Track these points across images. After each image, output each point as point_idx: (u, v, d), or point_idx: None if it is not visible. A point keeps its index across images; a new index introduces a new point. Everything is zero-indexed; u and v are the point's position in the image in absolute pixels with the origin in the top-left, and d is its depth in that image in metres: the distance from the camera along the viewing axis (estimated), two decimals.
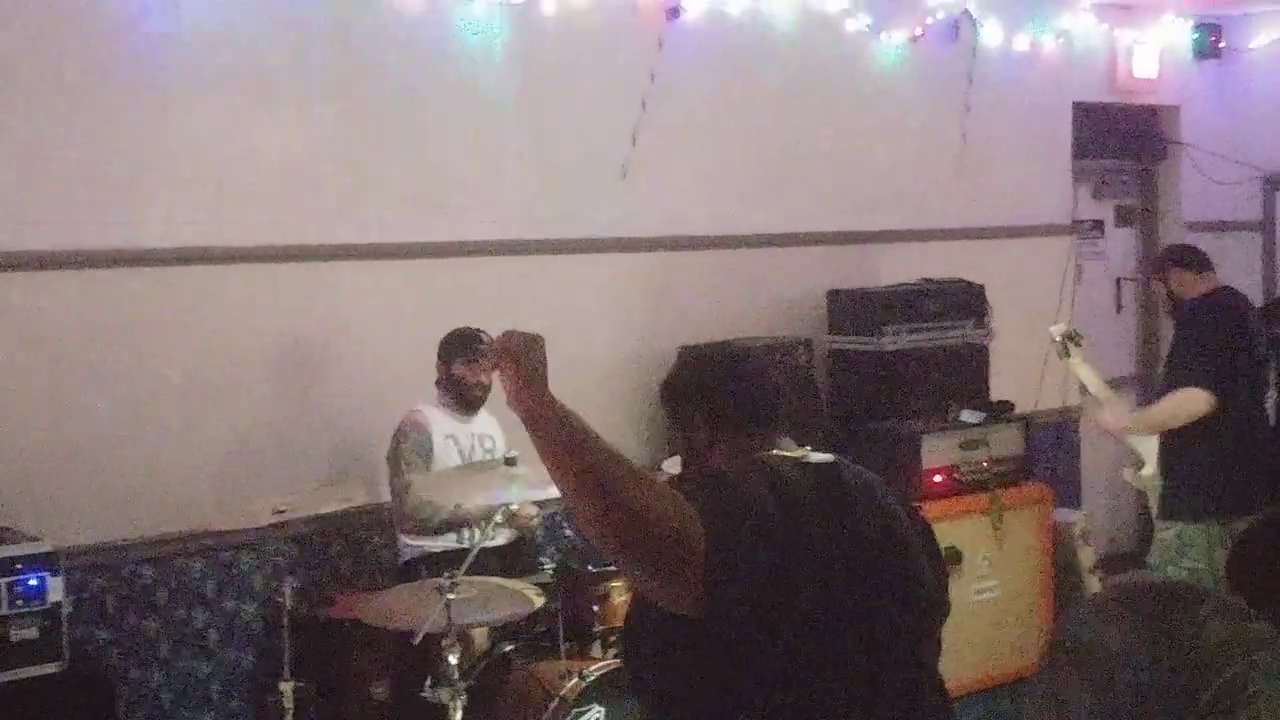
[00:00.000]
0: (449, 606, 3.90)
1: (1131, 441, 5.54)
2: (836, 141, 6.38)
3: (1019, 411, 6.18)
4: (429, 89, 5.23)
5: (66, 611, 4.09)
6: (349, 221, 5.05)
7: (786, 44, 6.19)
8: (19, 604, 3.96)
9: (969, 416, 5.92)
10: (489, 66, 5.36)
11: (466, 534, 4.71)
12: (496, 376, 2.20)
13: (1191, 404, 4.89)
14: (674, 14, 5.75)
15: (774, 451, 2.36)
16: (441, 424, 4.83)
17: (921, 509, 2.61)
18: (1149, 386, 7.40)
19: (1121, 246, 8.11)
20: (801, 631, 2.15)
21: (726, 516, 2.12)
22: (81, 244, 4.53)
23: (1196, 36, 7.87)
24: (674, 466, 3.72)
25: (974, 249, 6.79)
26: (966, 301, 6.25)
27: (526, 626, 4.36)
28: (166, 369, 4.71)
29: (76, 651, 4.16)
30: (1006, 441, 6.02)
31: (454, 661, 3.89)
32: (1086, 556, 6.57)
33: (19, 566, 3.98)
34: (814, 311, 6.16)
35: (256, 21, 4.83)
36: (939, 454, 5.80)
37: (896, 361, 5.96)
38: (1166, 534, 5.08)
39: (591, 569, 4.50)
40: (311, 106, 4.98)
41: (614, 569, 4.38)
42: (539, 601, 4.19)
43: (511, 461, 4.28)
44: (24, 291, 4.47)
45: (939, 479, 5.75)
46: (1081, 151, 7.55)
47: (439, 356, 4.86)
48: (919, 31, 6.58)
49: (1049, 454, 6.94)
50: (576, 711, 3.99)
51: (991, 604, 5.79)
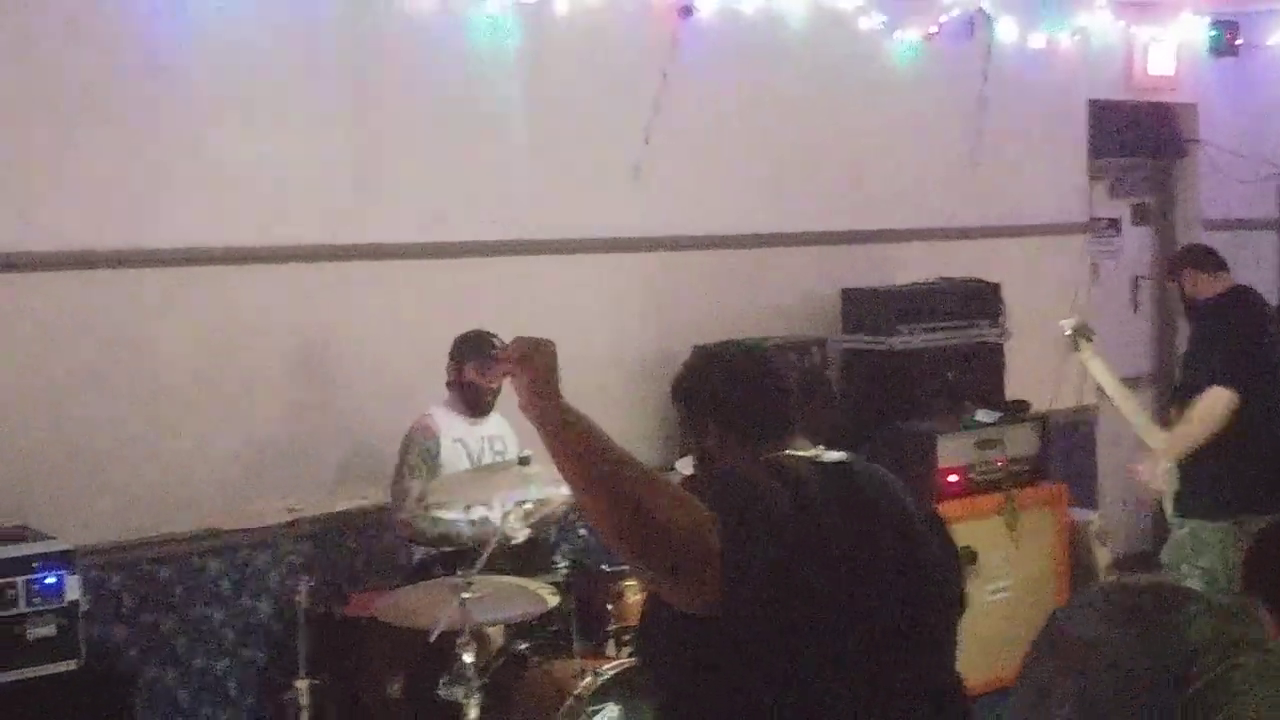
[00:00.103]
0: (464, 605, 3.91)
1: (1147, 439, 5.51)
2: (850, 140, 6.37)
3: (1034, 411, 6.17)
4: (440, 89, 5.24)
5: (83, 610, 4.11)
6: (360, 222, 5.06)
7: (800, 42, 6.19)
8: (36, 602, 3.98)
9: (984, 416, 5.91)
10: (501, 67, 5.36)
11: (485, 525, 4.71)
12: (507, 380, 2.21)
13: (1218, 405, 4.87)
14: (686, 13, 5.74)
15: (787, 451, 2.36)
16: (451, 427, 4.84)
17: (937, 508, 2.61)
18: (1165, 386, 7.38)
19: (1138, 245, 8.09)
20: (816, 630, 2.15)
21: (740, 517, 2.12)
22: (95, 245, 4.54)
23: (1213, 34, 7.84)
24: (687, 466, 3.72)
25: (989, 247, 6.78)
26: (982, 300, 6.24)
27: (541, 625, 4.36)
28: (182, 369, 4.73)
29: (93, 649, 4.17)
30: (1022, 441, 6.01)
31: (469, 660, 3.90)
32: (1103, 556, 6.55)
33: (36, 565, 3.99)
34: (828, 311, 6.16)
35: (267, 23, 4.84)
36: (954, 454, 5.79)
37: (911, 361, 5.95)
38: (1181, 532, 5.07)
39: (605, 568, 4.50)
40: (323, 107, 4.99)
41: (628, 568, 4.39)
42: (554, 600, 4.19)
43: (525, 461, 4.29)
44: (41, 292, 4.48)
45: (954, 479, 5.75)
46: (1098, 150, 7.53)
47: (451, 358, 4.87)
48: (933, 29, 6.57)
49: (1065, 453, 6.92)
50: (591, 709, 3.99)
51: (1006, 604, 5.77)
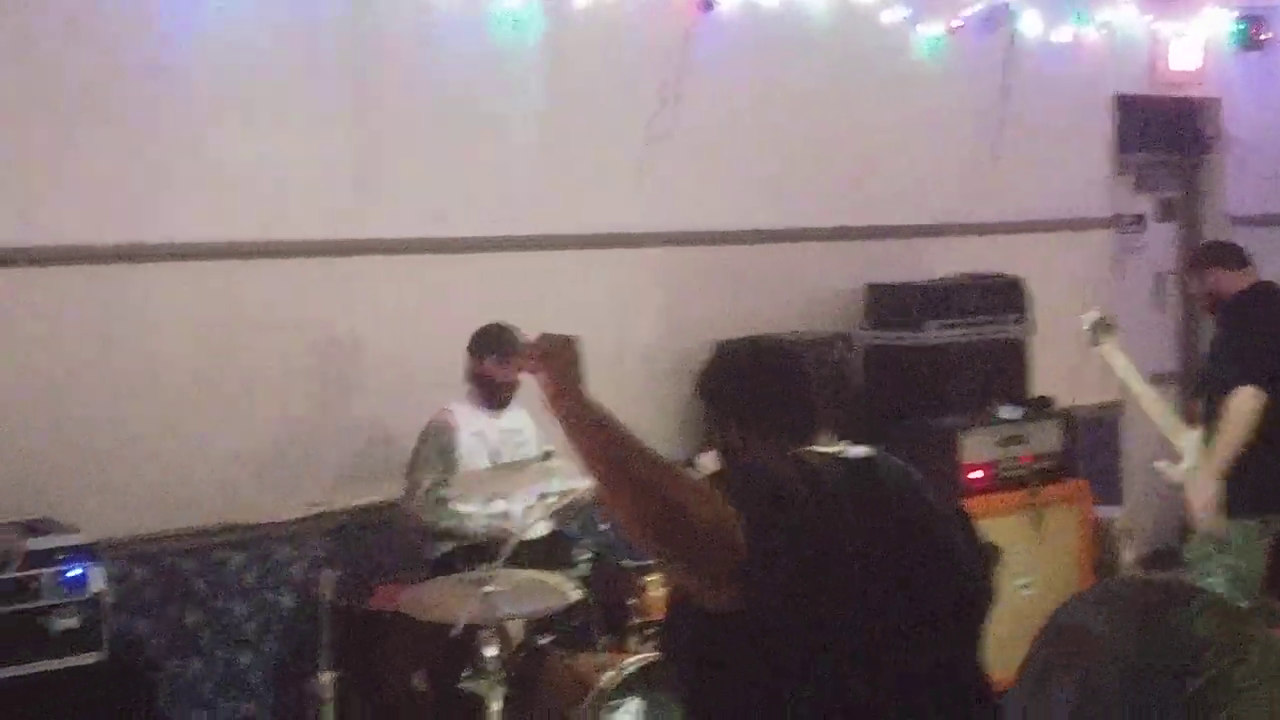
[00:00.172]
0: (487, 599, 3.91)
1: (1170, 436, 5.46)
2: (872, 134, 6.35)
3: (1058, 407, 6.14)
4: (455, 83, 5.23)
5: (108, 602, 4.12)
6: (379, 217, 5.06)
7: (821, 35, 6.16)
8: (60, 594, 3.99)
9: (1008, 412, 5.88)
10: (518, 60, 5.35)
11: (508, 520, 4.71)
12: (527, 370, 2.20)
13: (1246, 405, 4.83)
14: (707, 6, 5.72)
15: (811, 448, 2.35)
16: (470, 421, 4.84)
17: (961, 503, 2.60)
18: (1189, 382, 7.33)
19: (1163, 241, 8.04)
20: (838, 626, 2.15)
21: (764, 514, 2.12)
22: (118, 239, 4.55)
23: (1239, 28, 7.79)
24: (709, 461, 3.71)
25: (1012, 243, 6.75)
26: (1006, 296, 6.21)
27: (563, 619, 4.36)
28: (205, 364, 4.74)
29: (117, 642, 4.18)
30: (1046, 437, 5.99)
31: (492, 653, 3.91)
32: (1127, 554, 6.51)
33: (60, 557, 4.01)
34: (851, 306, 6.14)
35: (268, 21, 4.82)
36: (978, 450, 5.76)
37: (935, 356, 5.93)
38: (1205, 530, 5.03)
39: (628, 562, 4.50)
40: (327, 104, 4.98)
41: (650, 563, 4.39)
42: (576, 595, 4.19)
43: (548, 456, 4.30)
44: (62, 287, 4.50)
45: (977, 475, 5.72)
46: (1122, 145, 7.49)
47: (469, 352, 4.86)
48: (957, 23, 6.55)
49: (1089, 450, 6.88)
50: (613, 703, 3.99)
51: (1029, 601, 5.73)
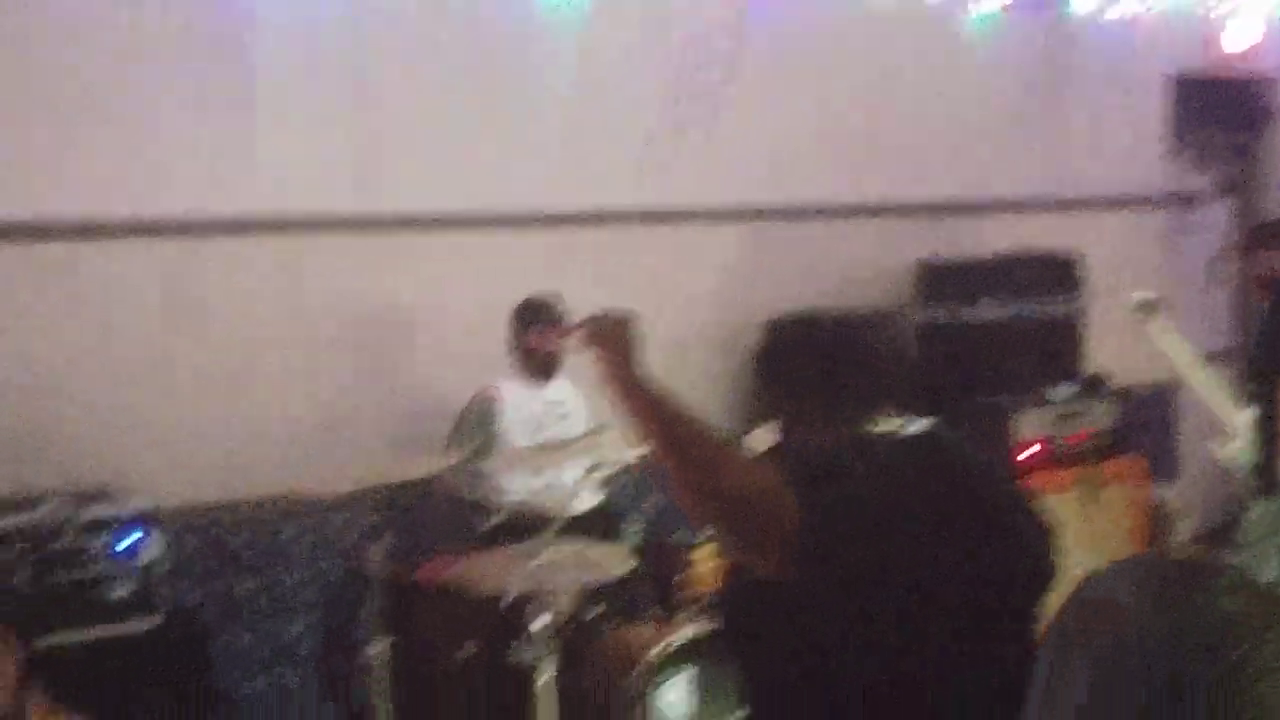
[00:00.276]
0: (537, 571, 3.92)
1: (1223, 416, 5.39)
2: (925, 110, 6.30)
3: (1114, 384, 6.08)
4: (514, 55, 5.23)
5: (162, 570, 4.15)
6: (435, 190, 5.07)
7: (875, 11, 6.11)
8: (116, 562, 4.03)
9: (1062, 390, 5.83)
10: (568, 29, 5.33)
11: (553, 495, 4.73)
12: (578, 349, 2.21)
13: None
14: None
15: (871, 424, 2.34)
16: (514, 395, 4.86)
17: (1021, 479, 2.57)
18: (1244, 361, 7.23)
19: (1219, 219, 7.93)
20: (892, 602, 2.13)
21: (821, 491, 2.12)
22: (178, 213, 4.58)
23: None
24: (761, 439, 3.70)
25: (1068, 220, 6.68)
26: (1061, 273, 6.15)
27: (613, 592, 4.36)
28: (258, 336, 4.77)
29: (170, 610, 4.22)
30: (1100, 415, 5.94)
31: (541, 625, 3.91)
32: (1181, 532, 6.45)
33: (116, 525, 4.04)
34: (903, 283, 6.10)
35: None
36: (1032, 428, 5.73)
37: (988, 334, 5.88)
38: (1257, 510, 4.96)
39: (677, 536, 4.49)
40: (398, 76, 4.99)
41: (700, 537, 4.39)
42: (625, 567, 4.20)
43: (599, 429, 4.30)
44: (122, 260, 4.53)
45: (1032, 453, 5.68)
46: (1179, 123, 7.39)
47: (512, 324, 4.88)
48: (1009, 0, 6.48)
49: (1144, 427, 6.81)
50: (662, 676, 3.99)
51: None
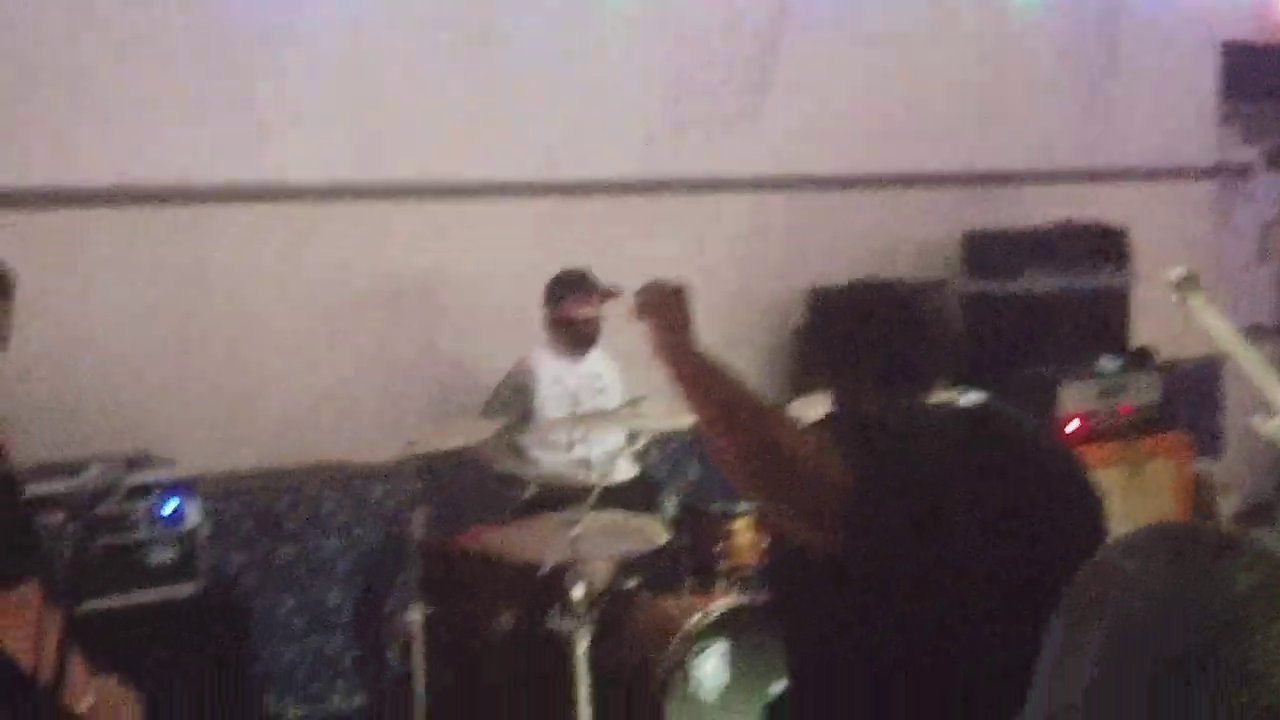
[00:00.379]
0: (575, 540, 3.92)
1: (1266, 389, 5.31)
2: (970, 79, 6.22)
3: (1160, 358, 6.01)
4: (549, 24, 5.19)
5: (203, 536, 4.18)
6: (475, 159, 5.05)
7: None
8: (158, 527, 4.05)
9: (1107, 363, 5.78)
10: (610, 3, 5.30)
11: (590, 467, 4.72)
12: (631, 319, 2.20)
13: None
14: None
15: (924, 395, 2.33)
16: (550, 368, 4.85)
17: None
18: None
19: (1270, 191, 7.82)
20: (940, 578, 2.11)
21: (870, 462, 2.10)
22: (216, 180, 4.59)
23: None
24: (802, 409, 3.68)
25: (1115, 191, 6.60)
26: (1107, 244, 6.08)
27: (650, 562, 4.35)
28: (301, 302, 4.78)
29: (211, 576, 4.25)
30: (1146, 389, 5.88)
31: (579, 594, 3.91)
32: (1226, 507, 6.39)
33: (158, 491, 4.06)
34: (948, 253, 6.04)
35: None
36: (1076, 401, 5.68)
37: (1034, 305, 5.83)
38: None
39: (716, 506, 4.48)
40: (430, 42, 4.97)
41: (739, 508, 4.37)
42: (664, 538, 4.19)
43: (638, 401, 4.29)
44: (162, 226, 4.54)
45: (1075, 426, 5.63)
46: (1229, 92, 7.27)
47: (546, 299, 4.86)
48: None
49: (1190, 402, 6.74)
50: (699, 646, 3.99)
51: None
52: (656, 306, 2.19)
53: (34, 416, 4.17)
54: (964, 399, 2.30)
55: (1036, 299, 5.82)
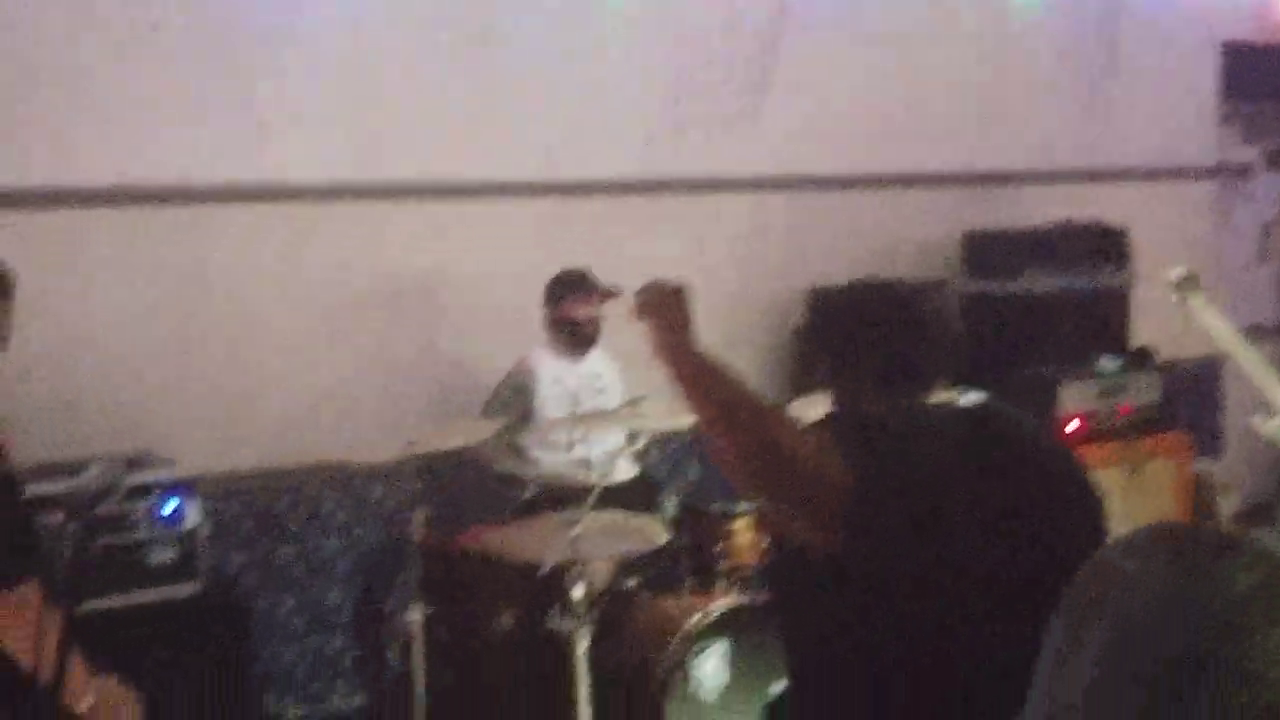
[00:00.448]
0: (575, 540, 3.91)
1: (1267, 393, 5.30)
2: (969, 79, 6.22)
3: (1160, 358, 6.01)
4: (549, 24, 5.18)
5: (203, 536, 4.17)
6: (476, 159, 5.05)
7: None
8: (158, 527, 4.04)
9: (1107, 363, 5.78)
10: (610, 3, 5.30)
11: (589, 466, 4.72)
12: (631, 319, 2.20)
13: None
14: None
15: (926, 396, 2.33)
16: (550, 368, 4.85)
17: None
18: None
19: (1270, 191, 7.81)
20: (939, 578, 2.11)
21: (871, 462, 2.11)
22: (215, 180, 4.59)
23: None
24: (802, 409, 3.68)
25: (1115, 191, 6.60)
26: (1107, 244, 6.08)
27: (650, 562, 4.35)
28: (301, 302, 4.78)
29: (211, 576, 4.24)
30: (1145, 389, 5.88)
31: (579, 594, 3.91)
32: (1226, 507, 6.39)
33: (159, 490, 4.06)
34: (948, 253, 6.04)
35: None
36: (1075, 401, 5.67)
37: (1034, 305, 5.83)
38: None
39: (716, 506, 4.48)
40: (432, 43, 4.97)
41: (739, 508, 4.37)
42: (664, 537, 4.19)
43: (638, 401, 4.29)
44: (160, 225, 4.54)
45: (1075, 427, 5.62)
46: (1229, 92, 7.27)
47: (546, 300, 4.85)
48: None
49: (1189, 402, 6.74)
50: (699, 646, 3.98)
51: None
52: (657, 306, 2.20)
53: (34, 416, 4.17)
54: (964, 399, 2.30)
55: (1036, 299, 5.82)
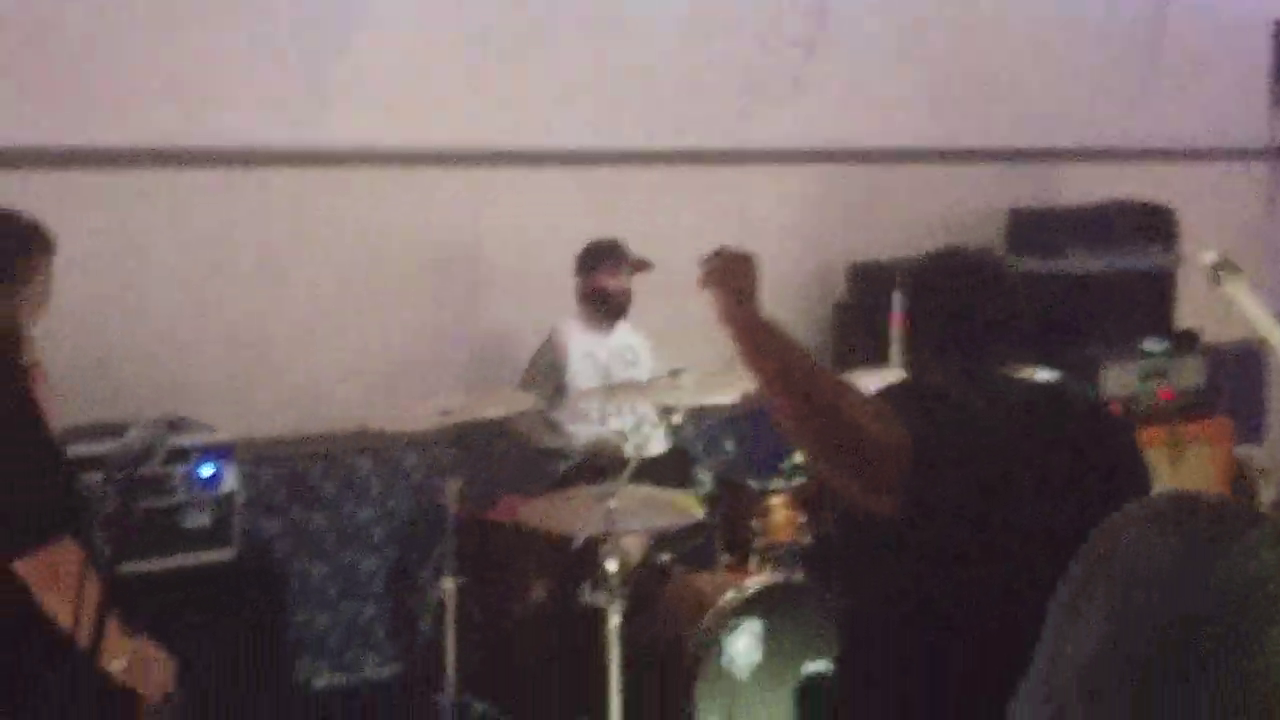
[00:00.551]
0: (609, 513, 3.89)
1: None
2: (1018, 54, 6.14)
3: (1204, 342, 5.93)
4: None
5: (240, 501, 4.17)
6: (518, 126, 5.02)
7: None
8: (195, 491, 4.05)
9: (1151, 345, 5.71)
10: None
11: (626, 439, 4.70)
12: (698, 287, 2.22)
13: None
14: None
15: (1009, 367, 2.37)
16: (580, 341, 4.82)
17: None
18: None
19: None
20: (1000, 543, 2.15)
21: (931, 430, 2.16)
22: (257, 143, 4.57)
23: None
24: (865, 379, 3.65)
25: (1164, 171, 6.51)
26: (1155, 224, 5.99)
27: (685, 538, 4.33)
28: (341, 269, 4.76)
29: (247, 541, 4.25)
30: (1189, 373, 5.80)
31: (612, 568, 3.89)
32: (1267, 493, 6.31)
33: (196, 454, 4.06)
34: (992, 230, 5.97)
35: None
36: (1118, 383, 5.61)
37: (1078, 285, 5.76)
38: None
39: (751, 482, 4.44)
40: (491, 11, 4.94)
41: (775, 485, 4.34)
42: (698, 513, 4.15)
43: (677, 374, 4.26)
44: (204, 190, 4.53)
45: (1117, 409, 5.56)
46: None
47: (578, 269, 4.82)
48: None
49: (1233, 387, 6.65)
50: (733, 623, 3.96)
51: None
52: (724, 274, 2.25)
53: (67, 377, 4.17)
54: (1038, 376, 2.34)
55: (1081, 278, 5.75)
